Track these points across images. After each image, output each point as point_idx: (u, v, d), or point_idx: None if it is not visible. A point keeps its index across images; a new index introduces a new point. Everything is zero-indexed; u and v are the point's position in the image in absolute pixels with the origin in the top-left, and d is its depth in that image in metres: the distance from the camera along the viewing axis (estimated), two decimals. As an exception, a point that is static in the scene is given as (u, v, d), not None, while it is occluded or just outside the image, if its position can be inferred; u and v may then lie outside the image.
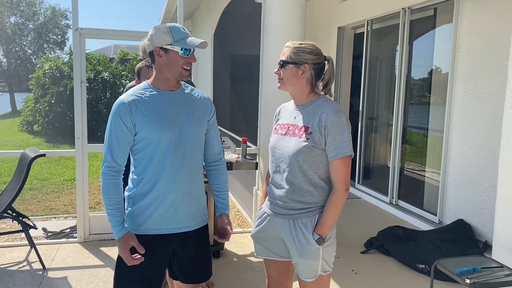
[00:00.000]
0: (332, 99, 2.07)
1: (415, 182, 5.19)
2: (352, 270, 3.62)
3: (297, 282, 2.07)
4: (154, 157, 1.87)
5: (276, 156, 2.05)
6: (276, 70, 2.03)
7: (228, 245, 4.08)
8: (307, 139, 1.93)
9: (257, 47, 4.50)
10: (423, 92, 5.27)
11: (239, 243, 4.18)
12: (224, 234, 2.10)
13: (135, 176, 1.94)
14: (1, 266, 3.60)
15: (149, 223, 1.92)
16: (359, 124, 6.15)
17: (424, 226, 4.60)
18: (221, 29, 8.40)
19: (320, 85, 2.05)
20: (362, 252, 3.98)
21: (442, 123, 4.59)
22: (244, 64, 6.39)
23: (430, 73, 5.04)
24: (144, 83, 1.95)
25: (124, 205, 1.95)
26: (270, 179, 2.11)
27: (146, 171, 1.89)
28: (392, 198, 5.40)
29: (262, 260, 2.23)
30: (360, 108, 6.15)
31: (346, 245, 4.09)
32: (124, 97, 1.89)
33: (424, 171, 5.05)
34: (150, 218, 1.91)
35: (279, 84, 2.04)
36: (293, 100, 2.10)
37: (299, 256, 1.97)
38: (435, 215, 4.66)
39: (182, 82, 2.02)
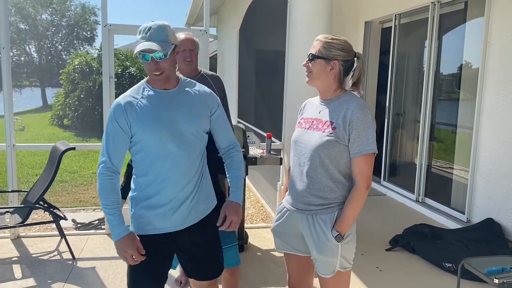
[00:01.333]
0: (360, 97, 2.05)
1: (443, 179, 5.09)
2: (377, 267, 3.59)
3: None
4: (153, 158, 1.85)
5: (298, 150, 2.05)
6: (305, 62, 2.02)
7: (252, 240, 4.11)
8: (331, 134, 1.92)
9: (283, 43, 4.49)
10: (452, 88, 5.15)
11: (263, 238, 4.21)
12: (222, 220, 1.99)
13: (136, 178, 1.92)
14: (33, 255, 3.73)
15: (153, 223, 1.91)
16: (386, 120, 6.07)
17: (452, 225, 4.52)
18: (247, 25, 8.41)
19: (350, 82, 2.03)
20: (387, 250, 3.94)
21: (472, 119, 4.48)
22: (269, 60, 6.39)
23: (460, 68, 4.92)
24: (141, 82, 1.94)
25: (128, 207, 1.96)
26: (290, 173, 2.12)
27: (147, 172, 1.88)
28: (419, 195, 5.31)
29: (284, 257, 2.23)
30: (387, 104, 6.06)
31: (371, 242, 4.06)
32: (120, 98, 1.87)
33: (452, 168, 4.95)
34: (153, 218, 1.90)
35: (307, 78, 2.04)
36: (318, 96, 2.09)
37: (317, 253, 1.96)
38: (463, 213, 4.56)
39: (183, 78, 2.00)
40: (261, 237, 4.23)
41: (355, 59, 2.00)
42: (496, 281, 2.35)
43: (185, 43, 3.10)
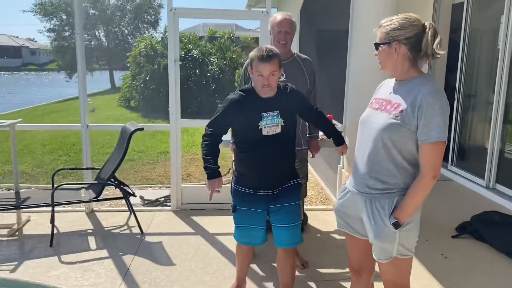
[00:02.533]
0: (424, 66, 1.94)
1: (517, 165, 4.79)
2: (442, 254, 3.48)
3: (383, 261, 2.04)
4: None
5: (364, 131, 2.01)
6: (375, 52, 1.99)
7: (312, 221, 4.12)
8: (396, 116, 1.86)
9: (346, 22, 4.38)
10: (530, 67, 4.78)
11: (323, 220, 4.21)
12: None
13: None
14: (106, 229, 3.99)
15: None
16: (455, 101, 5.77)
17: (525, 213, 4.25)
18: (309, 3, 8.26)
19: (420, 56, 1.90)
20: (453, 237, 3.80)
21: (552, 101, 4.15)
22: (331, 40, 6.25)
23: (540, 45, 4.55)
24: None
25: None
26: (355, 154, 2.09)
27: None
28: (489, 181, 5.03)
29: (345, 237, 2.22)
30: (457, 85, 5.75)
31: (436, 229, 3.92)
32: None
33: (528, 153, 4.63)
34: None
35: (380, 66, 2.00)
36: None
37: (374, 237, 1.93)
38: (539, 201, 4.28)
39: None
40: (320, 219, 4.23)
41: (426, 31, 1.87)
42: None
43: (283, 24, 3.04)
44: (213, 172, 2.42)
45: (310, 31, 8.01)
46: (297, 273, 3.03)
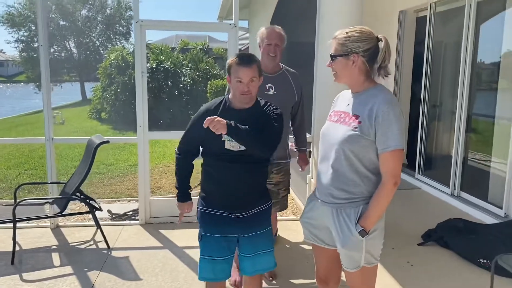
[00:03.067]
0: (392, 80, 2.00)
1: (480, 173, 4.93)
2: (408, 262, 3.53)
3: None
4: None
5: (325, 143, 2.04)
6: (328, 63, 2.01)
7: (282, 232, 4.12)
8: (355, 128, 1.90)
9: (313, 35, 4.45)
10: (490, 78, 4.96)
11: (292, 231, 4.21)
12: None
13: None
14: (71, 244, 3.89)
15: None
16: (421, 111, 5.92)
17: (488, 220, 4.37)
18: (278, 17, 8.37)
19: (374, 68, 1.96)
20: (419, 244, 3.86)
21: (511, 110, 4.30)
22: (300, 52, 6.34)
23: (499, 57, 4.73)
24: None
25: None
26: (318, 165, 2.11)
27: None
28: (454, 189, 5.16)
29: (312, 248, 2.24)
30: (422, 95, 5.90)
31: (403, 236, 3.99)
32: None
33: (490, 161, 4.78)
34: None
35: (334, 78, 2.02)
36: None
37: (342, 246, 1.96)
38: (501, 208, 4.40)
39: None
40: (290, 229, 4.24)
41: (379, 43, 1.93)
42: (532, 278, 2.27)
43: (272, 36, 2.99)
44: (181, 196, 2.39)
45: (280, 43, 8.10)
46: (264, 284, 3.02)
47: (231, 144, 2.22)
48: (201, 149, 2.36)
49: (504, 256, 2.59)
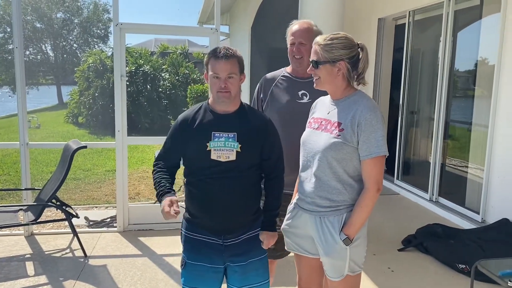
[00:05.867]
0: (371, 87, 2.00)
1: (457, 178, 5.01)
2: (389, 268, 3.54)
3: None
4: None
5: (307, 151, 2.02)
6: (309, 69, 1.99)
7: (263, 239, 4.09)
8: (338, 135, 1.88)
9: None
10: (467, 85, 5.06)
11: (274, 237, 4.18)
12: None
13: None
14: (46, 253, 3.77)
15: None
16: (399, 118, 5.99)
17: (466, 225, 4.44)
18: (259, 22, 8.38)
19: (354, 75, 1.96)
20: (399, 250, 3.89)
21: (487, 117, 4.39)
22: (281, 57, 6.37)
23: (475, 65, 4.83)
24: None
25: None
26: (300, 174, 2.09)
27: None
28: (433, 195, 5.23)
29: (294, 257, 2.21)
30: (401, 102, 5.98)
31: (383, 242, 4.01)
32: None
33: (467, 167, 4.86)
34: None
35: (315, 84, 2.00)
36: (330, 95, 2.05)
37: (325, 255, 1.94)
38: (478, 213, 4.48)
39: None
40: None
41: (359, 50, 1.93)
42: (510, 284, 2.30)
43: (296, 33, 2.46)
44: (163, 194, 1.91)
45: (260, 49, 8.12)
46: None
47: (218, 154, 1.91)
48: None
49: (483, 261, 2.61)
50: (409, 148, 6.00)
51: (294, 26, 2.47)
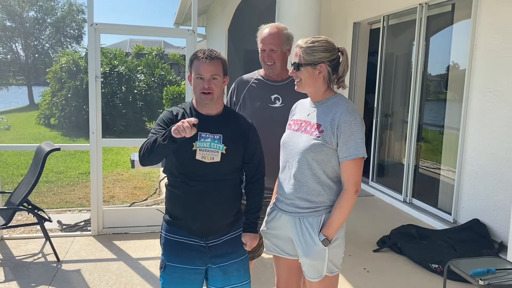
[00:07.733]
0: (347, 90, 2.03)
1: (430, 180, 5.12)
2: (364, 269, 3.59)
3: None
4: None
5: (286, 152, 2.03)
6: (290, 71, 2.01)
7: (240, 241, 4.08)
8: (318, 137, 1.91)
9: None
10: (439, 89, 5.19)
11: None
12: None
13: None
14: (17, 258, 3.66)
15: None
16: (374, 121, 6.09)
17: (438, 225, 4.54)
18: (236, 25, 8.38)
19: (335, 79, 1.99)
20: (374, 251, 3.95)
21: (459, 120, 4.51)
22: (258, 60, 6.40)
23: (447, 69, 4.96)
24: None
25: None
26: (279, 175, 2.10)
27: None
28: (406, 196, 5.34)
29: (273, 259, 2.21)
30: (375, 105, 6.08)
31: (358, 243, 4.06)
32: None
33: (439, 169, 4.98)
34: None
35: (296, 86, 2.02)
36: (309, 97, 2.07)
37: (305, 256, 1.95)
38: (450, 214, 4.59)
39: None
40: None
41: (339, 54, 1.97)
42: (482, 282, 2.37)
43: (266, 39, 2.41)
44: (165, 133, 1.84)
45: (237, 51, 8.12)
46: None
47: (203, 155, 1.92)
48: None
49: (455, 261, 2.68)
50: (383, 150, 6.11)
51: (264, 30, 2.44)
